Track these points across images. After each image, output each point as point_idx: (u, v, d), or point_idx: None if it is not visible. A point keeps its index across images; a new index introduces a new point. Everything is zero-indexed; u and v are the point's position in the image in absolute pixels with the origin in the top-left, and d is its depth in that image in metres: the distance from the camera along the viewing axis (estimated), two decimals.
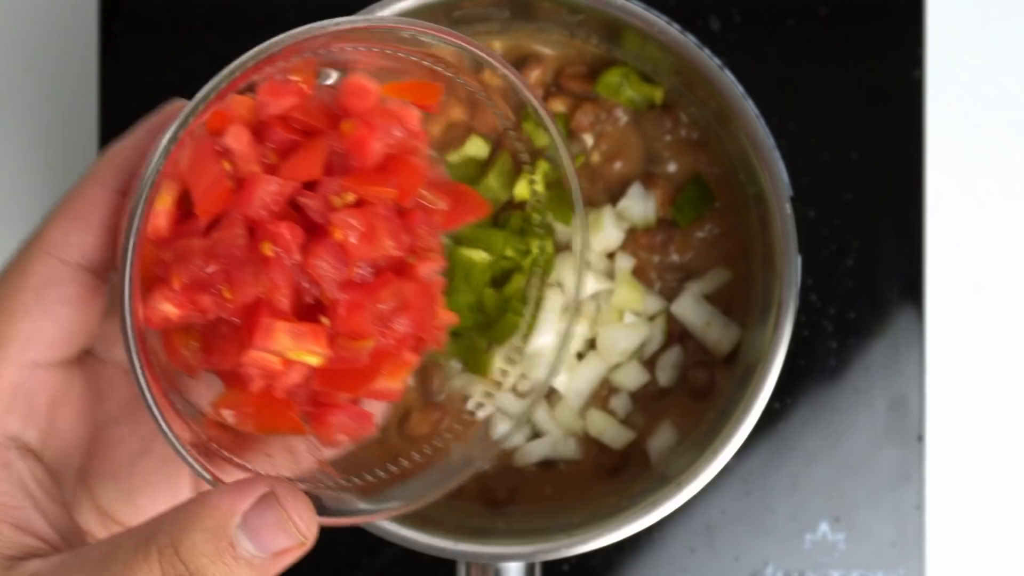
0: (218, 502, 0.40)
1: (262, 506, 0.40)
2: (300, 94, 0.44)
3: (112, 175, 0.45)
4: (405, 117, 0.45)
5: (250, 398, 0.44)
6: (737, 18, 0.73)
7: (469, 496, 0.67)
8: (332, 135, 0.44)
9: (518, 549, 0.62)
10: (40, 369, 0.44)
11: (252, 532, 0.40)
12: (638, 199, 0.67)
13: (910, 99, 0.73)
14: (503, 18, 0.65)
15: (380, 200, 0.44)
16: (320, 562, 0.74)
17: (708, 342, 0.66)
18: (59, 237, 0.44)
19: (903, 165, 0.73)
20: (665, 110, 0.67)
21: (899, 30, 0.73)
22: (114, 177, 0.45)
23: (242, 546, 0.40)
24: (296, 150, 0.44)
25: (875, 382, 0.73)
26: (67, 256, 0.44)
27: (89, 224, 0.44)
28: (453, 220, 0.47)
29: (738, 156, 0.64)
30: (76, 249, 0.44)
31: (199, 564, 0.40)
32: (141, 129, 0.46)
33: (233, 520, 0.40)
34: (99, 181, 0.45)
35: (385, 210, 0.44)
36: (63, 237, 0.44)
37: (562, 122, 0.67)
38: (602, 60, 0.67)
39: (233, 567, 0.40)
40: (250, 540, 0.40)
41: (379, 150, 0.44)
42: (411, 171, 0.45)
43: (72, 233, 0.44)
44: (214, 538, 0.40)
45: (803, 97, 0.73)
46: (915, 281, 0.73)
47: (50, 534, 0.43)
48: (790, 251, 0.60)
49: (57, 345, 0.44)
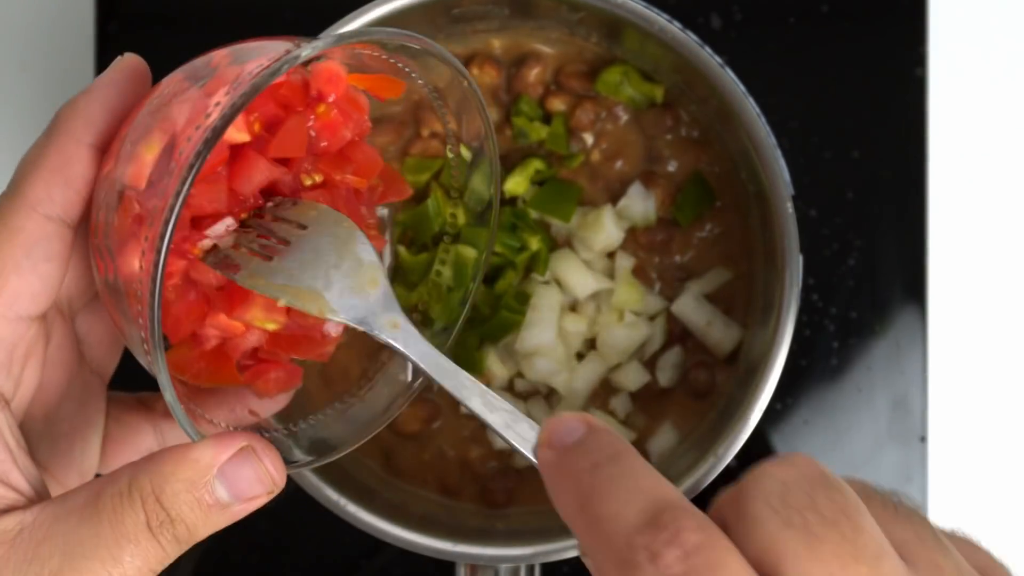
0: (199, 455, 0.43)
1: (239, 458, 0.44)
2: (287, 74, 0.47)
3: (86, 130, 0.46)
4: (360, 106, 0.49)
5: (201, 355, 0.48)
6: (738, 16, 0.73)
7: (468, 497, 0.67)
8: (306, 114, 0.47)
9: (518, 551, 0.61)
10: (22, 323, 0.46)
11: (229, 482, 0.44)
12: (638, 198, 0.66)
13: (912, 97, 0.73)
14: (502, 16, 0.65)
15: (344, 183, 0.49)
16: (319, 564, 0.74)
17: (709, 342, 0.66)
18: (43, 193, 0.45)
19: (905, 164, 0.73)
20: (666, 108, 0.67)
21: (901, 28, 0.73)
22: (88, 132, 0.46)
23: (219, 494, 0.44)
24: (279, 125, 0.47)
25: (877, 382, 0.72)
26: (51, 212, 0.45)
27: (69, 180, 0.45)
28: (383, 199, 0.52)
29: (739, 155, 0.64)
30: (59, 205, 0.45)
31: (180, 511, 0.43)
32: (102, 84, 0.47)
33: (212, 471, 0.43)
34: (74, 136, 0.46)
35: (345, 191, 0.49)
36: (47, 193, 0.45)
37: (562, 121, 0.67)
38: (602, 58, 0.67)
39: (209, 513, 0.43)
40: (226, 489, 0.44)
41: (346, 137, 0.48)
42: (369, 158, 0.49)
43: (55, 189, 0.45)
44: (193, 488, 0.43)
45: (804, 95, 0.73)
46: (917, 280, 0.73)
47: (25, 486, 0.45)
48: (791, 250, 0.60)
49: (39, 299, 0.46)
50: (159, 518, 0.43)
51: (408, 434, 0.67)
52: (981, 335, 0.75)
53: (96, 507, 0.43)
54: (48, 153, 0.46)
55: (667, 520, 0.35)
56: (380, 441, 0.67)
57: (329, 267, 0.47)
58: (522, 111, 0.67)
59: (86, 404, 0.51)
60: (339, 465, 0.65)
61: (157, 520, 0.43)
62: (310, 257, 0.47)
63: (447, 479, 0.67)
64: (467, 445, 0.68)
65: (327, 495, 0.61)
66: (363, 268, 0.47)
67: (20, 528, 0.43)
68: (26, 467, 0.45)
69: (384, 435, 0.67)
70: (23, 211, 0.45)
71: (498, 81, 0.67)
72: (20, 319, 0.46)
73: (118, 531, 0.42)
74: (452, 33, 0.66)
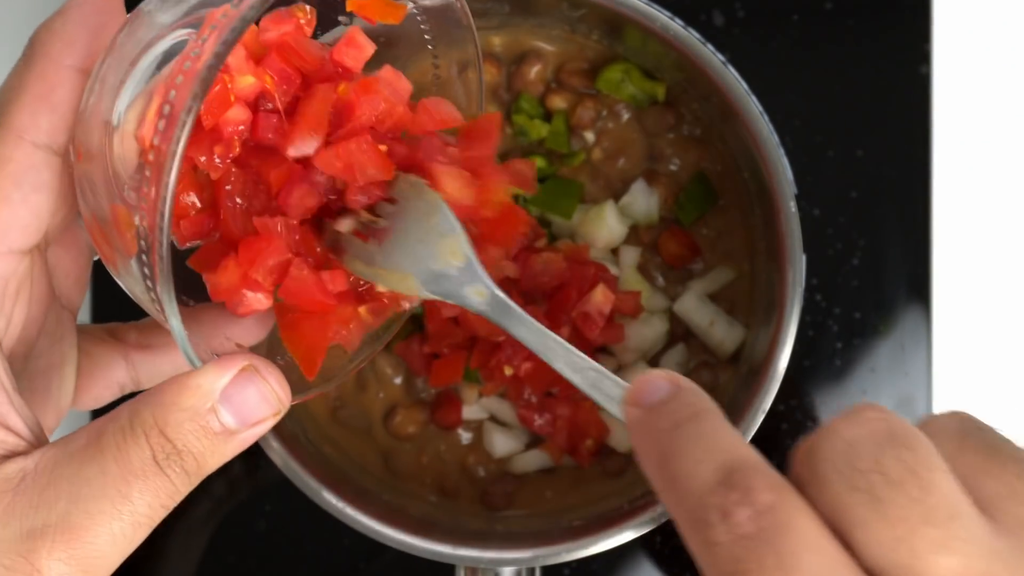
0: (200, 381, 0.42)
1: (242, 380, 0.42)
2: (299, 28, 0.46)
3: (65, 52, 0.44)
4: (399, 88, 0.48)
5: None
6: (741, 13, 0.73)
7: (467, 500, 0.67)
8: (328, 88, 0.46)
9: (518, 554, 0.61)
10: (14, 257, 0.44)
11: (234, 406, 0.42)
12: (641, 195, 0.66)
13: (917, 95, 0.73)
14: (503, 13, 0.65)
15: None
16: (318, 567, 0.73)
17: (711, 342, 0.66)
18: (29, 121, 0.44)
19: (910, 162, 0.73)
20: (667, 107, 0.66)
21: (906, 25, 0.73)
22: (68, 54, 0.44)
23: (224, 420, 0.42)
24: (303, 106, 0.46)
25: (881, 383, 0.72)
26: (38, 140, 0.44)
27: (54, 106, 0.44)
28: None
29: (742, 153, 0.63)
30: (45, 133, 0.44)
31: (185, 441, 0.41)
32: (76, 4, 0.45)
33: (214, 397, 0.42)
34: (54, 60, 0.44)
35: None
36: (32, 120, 0.44)
37: (563, 118, 0.66)
38: (603, 56, 0.66)
39: (216, 441, 0.42)
40: (231, 414, 0.42)
41: (366, 120, 0.47)
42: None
43: (41, 116, 0.44)
44: (197, 416, 0.42)
45: (808, 93, 0.73)
46: (922, 280, 0.72)
47: (24, 429, 0.44)
48: (794, 250, 0.60)
49: (30, 232, 0.44)
50: (165, 450, 0.41)
51: (406, 436, 0.67)
52: (987, 336, 0.75)
53: (99, 446, 0.41)
54: (30, 79, 0.44)
55: (739, 479, 0.35)
56: (378, 443, 0.67)
57: (415, 243, 0.46)
58: (522, 109, 0.66)
59: (61, 339, 0.49)
60: (338, 467, 0.65)
61: (163, 453, 0.41)
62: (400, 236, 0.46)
63: (445, 481, 0.67)
64: (466, 447, 0.68)
65: (326, 498, 0.61)
66: (444, 240, 0.46)
67: (22, 475, 0.42)
68: (22, 409, 0.44)
69: (382, 437, 0.67)
70: (10, 140, 0.43)
71: (498, 79, 0.67)
72: (11, 253, 0.44)
73: (124, 468, 0.41)
74: None
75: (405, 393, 0.67)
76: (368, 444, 0.67)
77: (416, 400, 0.67)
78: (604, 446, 0.67)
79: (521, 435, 0.67)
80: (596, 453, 0.66)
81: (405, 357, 0.66)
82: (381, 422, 0.67)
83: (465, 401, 0.67)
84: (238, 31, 0.40)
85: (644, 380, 0.40)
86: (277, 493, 0.72)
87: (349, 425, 0.67)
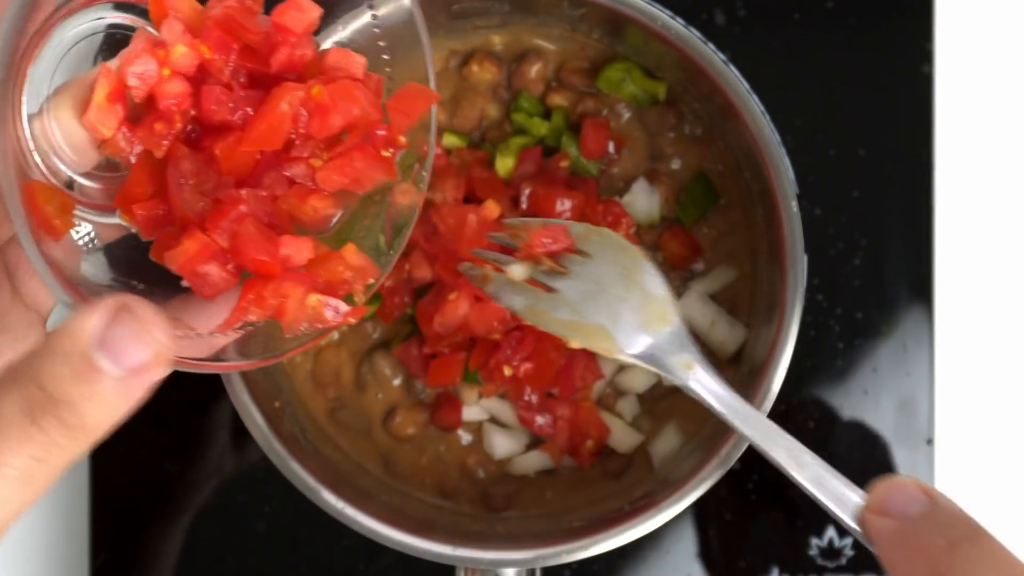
0: (72, 324, 0.40)
1: (117, 321, 0.40)
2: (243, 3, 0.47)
3: None
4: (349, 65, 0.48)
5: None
6: (742, 12, 0.73)
7: (467, 501, 0.67)
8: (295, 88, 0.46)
9: (518, 555, 0.61)
10: None
11: (110, 349, 0.40)
12: (643, 194, 0.66)
13: (919, 94, 0.72)
14: (503, 12, 0.65)
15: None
16: (318, 568, 0.73)
17: (713, 342, 0.66)
18: None
19: (911, 162, 0.72)
20: (668, 106, 0.66)
21: (907, 24, 0.73)
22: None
23: (100, 363, 0.39)
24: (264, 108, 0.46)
25: (883, 383, 0.72)
26: None
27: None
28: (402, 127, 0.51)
29: (743, 153, 0.63)
30: None
31: (61, 389, 0.39)
32: None
33: (88, 340, 0.39)
34: None
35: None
36: None
37: (562, 115, 0.66)
38: (604, 55, 0.66)
39: (95, 387, 0.39)
40: (108, 357, 0.40)
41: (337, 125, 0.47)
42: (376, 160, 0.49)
43: None
44: (71, 361, 0.39)
45: (809, 93, 0.73)
46: (924, 280, 0.72)
47: None
48: (796, 250, 0.60)
49: None
50: (38, 400, 0.39)
51: (406, 437, 0.67)
52: (989, 336, 0.75)
53: None
54: None
55: None
56: (378, 444, 0.67)
57: (615, 300, 0.44)
58: (522, 107, 0.66)
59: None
60: (337, 469, 0.65)
61: (37, 402, 0.39)
62: (594, 288, 0.44)
63: (445, 482, 0.67)
64: (466, 448, 0.67)
65: (325, 498, 0.61)
66: (653, 302, 0.44)
67: None
68: None
69: (382, 439, 0.67)
70: None
71: (498, 78, 0.67)
72: None
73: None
74: (452, 29, 0.66)
75: (404, 394, 0.67)
76: (368, 445, 0.67)
77: (416, 401, 0.67)
78: (605, 447, 0.66)
79: (521, 436, 0.67)
80: (597, 454, 0.66)
81: (404, 360, 0.66)
82: (381, 423, 0.67)
83: (465, 402, 0.66)
84: None
85: (892, 487, 0.39)
86: (277, 494, 0.72)
87: (349, 426, 0.67)
